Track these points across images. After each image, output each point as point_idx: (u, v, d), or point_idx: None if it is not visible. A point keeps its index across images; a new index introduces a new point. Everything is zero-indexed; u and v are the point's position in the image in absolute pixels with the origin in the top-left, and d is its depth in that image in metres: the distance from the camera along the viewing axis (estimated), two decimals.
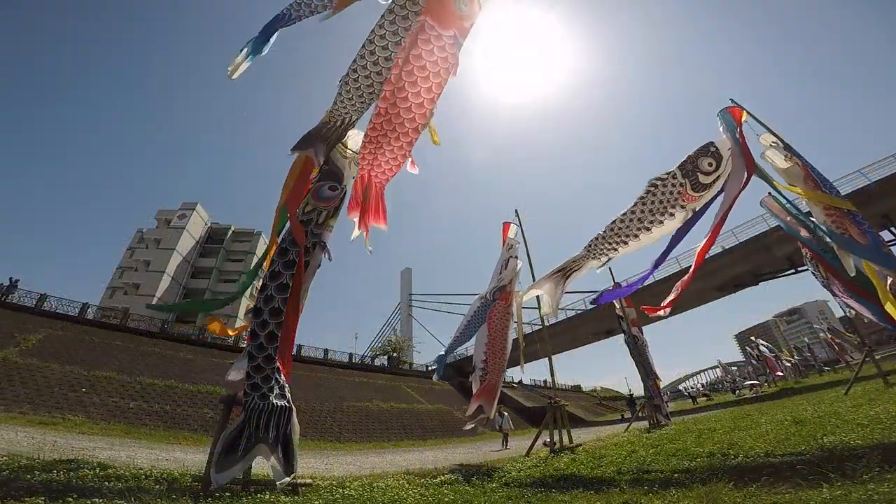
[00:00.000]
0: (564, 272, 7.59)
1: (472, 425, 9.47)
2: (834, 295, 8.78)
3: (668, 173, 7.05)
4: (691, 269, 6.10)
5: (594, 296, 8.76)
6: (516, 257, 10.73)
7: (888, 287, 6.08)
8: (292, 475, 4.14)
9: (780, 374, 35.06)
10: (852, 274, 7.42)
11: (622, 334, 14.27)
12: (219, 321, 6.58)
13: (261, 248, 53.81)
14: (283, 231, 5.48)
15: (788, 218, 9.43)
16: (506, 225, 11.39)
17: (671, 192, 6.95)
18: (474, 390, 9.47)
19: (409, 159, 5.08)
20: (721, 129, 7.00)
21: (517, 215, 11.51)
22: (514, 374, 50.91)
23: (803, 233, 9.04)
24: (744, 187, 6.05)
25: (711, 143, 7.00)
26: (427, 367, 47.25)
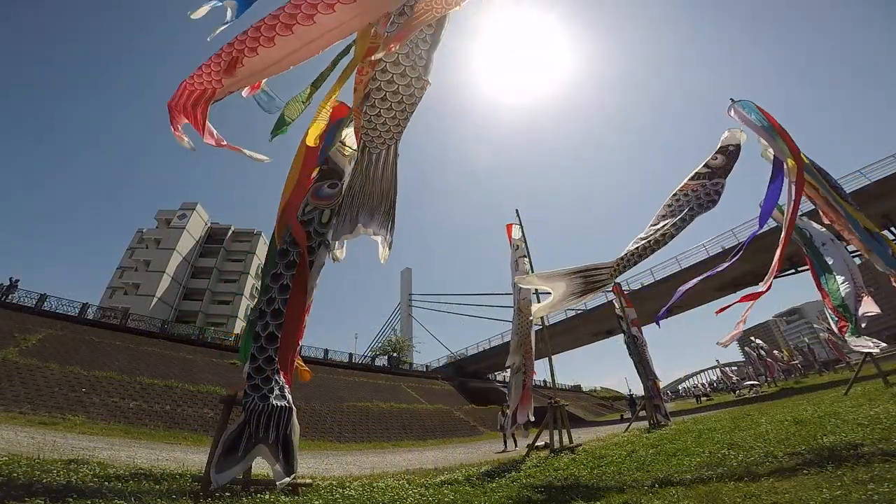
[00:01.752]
0: (586, 282, 6.97)
1: (516, 430, 9.69)
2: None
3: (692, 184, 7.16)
4: (771, 268, 5.91)
5: (595, 297, 8.93)
6: (524, 256, 10.76)
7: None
8: (292, 476, 4.13)
9: (781, 374, 35.18)
10: (880, 269, 7.66)
11: (622, 334, 14.27)
12: None
13: (261, 248, 53.83)
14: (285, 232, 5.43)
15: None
16: (509, 226, 11.41)
17: (697, 197, 7.01)
18: (515, 395, 9.58)
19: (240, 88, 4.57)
20: (740, 119, 6.90)
21: (518, 216, 11.51)
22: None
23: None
24: (800, 179, 5.87)
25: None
26: (427, 367, 47.28)
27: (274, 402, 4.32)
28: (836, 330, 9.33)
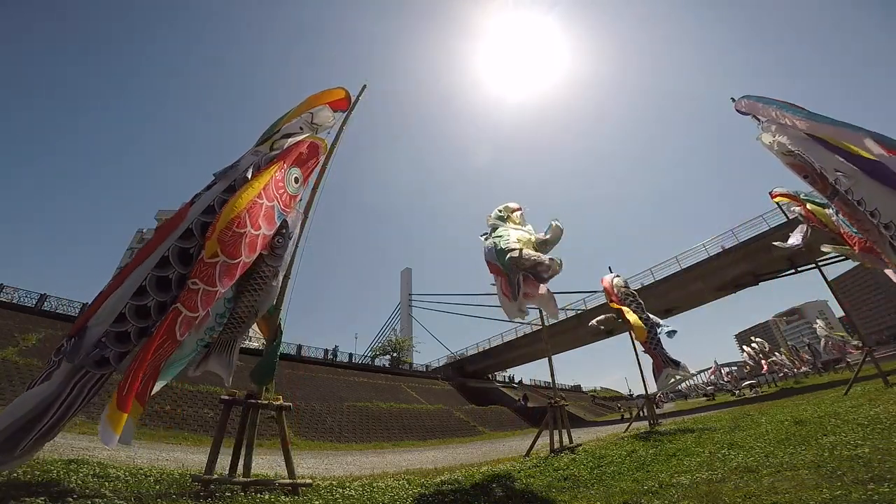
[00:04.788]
0: None
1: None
2: None
3: None
4: None
5: (596, 297, 8.69)
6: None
7: None
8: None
9: (792, 373, 35.36)
10: None
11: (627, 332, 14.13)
12: None
13: None
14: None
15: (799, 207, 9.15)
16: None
17: None
18: None
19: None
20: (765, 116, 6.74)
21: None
22: (514, 373, 51.08)
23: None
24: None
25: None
26: (427, 367, 47.25)
27: None
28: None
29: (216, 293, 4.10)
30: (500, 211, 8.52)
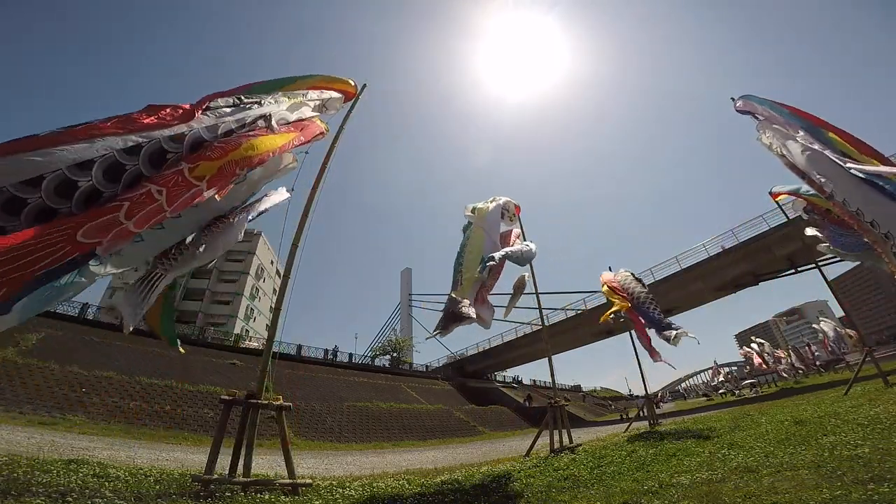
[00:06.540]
0: None
1: None
2: None
3: None
4: None
5: (596, 297, 8.65)
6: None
7: None
8: None
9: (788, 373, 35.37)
10: None
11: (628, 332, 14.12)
12: None
13: (261, 248, 53.86)
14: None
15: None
16: (517, 209, 10.59)
17: None
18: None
19: None
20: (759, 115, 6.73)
21: (517, 216, 11.45)
22: (515, 373, 51.07)
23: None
24: None
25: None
26: (427, 367, 47.26)
27: None
28: None
29: (164, 215, 3.44)
30: (484, 203, 8.79)
